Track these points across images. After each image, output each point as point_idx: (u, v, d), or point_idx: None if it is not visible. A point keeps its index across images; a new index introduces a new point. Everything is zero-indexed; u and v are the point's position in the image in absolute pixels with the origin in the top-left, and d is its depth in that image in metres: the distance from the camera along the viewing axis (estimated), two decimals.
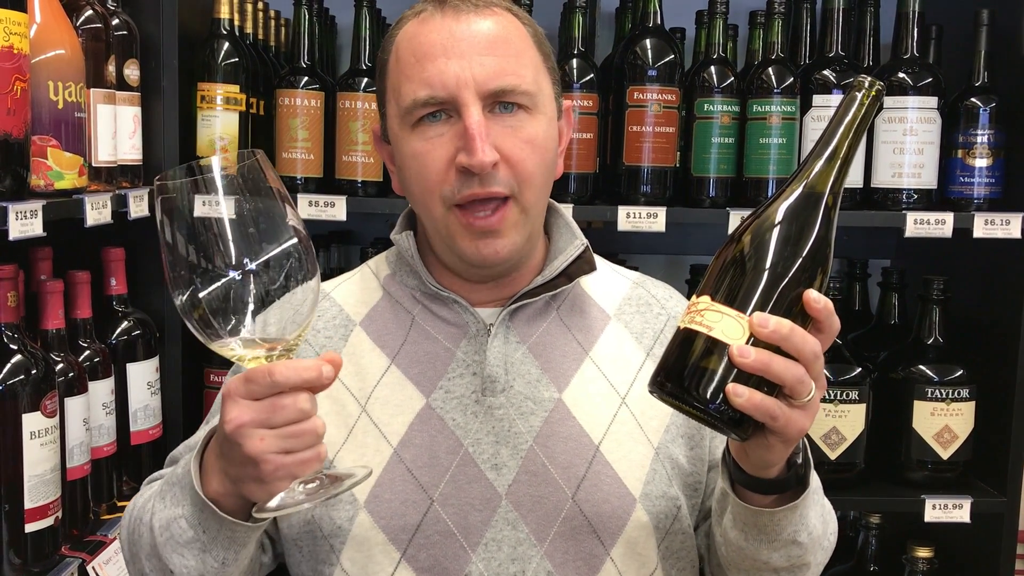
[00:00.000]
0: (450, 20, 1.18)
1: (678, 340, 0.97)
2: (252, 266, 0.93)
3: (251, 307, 0.93)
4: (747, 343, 0.93)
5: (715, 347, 0.94)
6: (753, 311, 0.94)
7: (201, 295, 0.93)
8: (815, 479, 1.12)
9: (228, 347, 0.96)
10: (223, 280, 0.93)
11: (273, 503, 0.96)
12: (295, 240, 0.95)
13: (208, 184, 0.93)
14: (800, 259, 0.96)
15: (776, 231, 0.97)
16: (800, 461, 1.07)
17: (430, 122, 1.17)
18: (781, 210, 0.98)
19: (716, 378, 0.94)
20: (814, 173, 0.99)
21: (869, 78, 1.00)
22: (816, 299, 0.95)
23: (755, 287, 0.95)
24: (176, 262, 0.94)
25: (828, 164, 0.99)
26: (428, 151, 1.17)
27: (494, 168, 1.15)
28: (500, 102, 1.17)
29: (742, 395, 0.92)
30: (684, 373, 0.95)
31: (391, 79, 1.22)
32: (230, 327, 0.94)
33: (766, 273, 0.96)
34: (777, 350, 0.93)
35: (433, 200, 1.18)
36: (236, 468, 0.97)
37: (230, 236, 0.93)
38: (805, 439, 1.07)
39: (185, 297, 0.93)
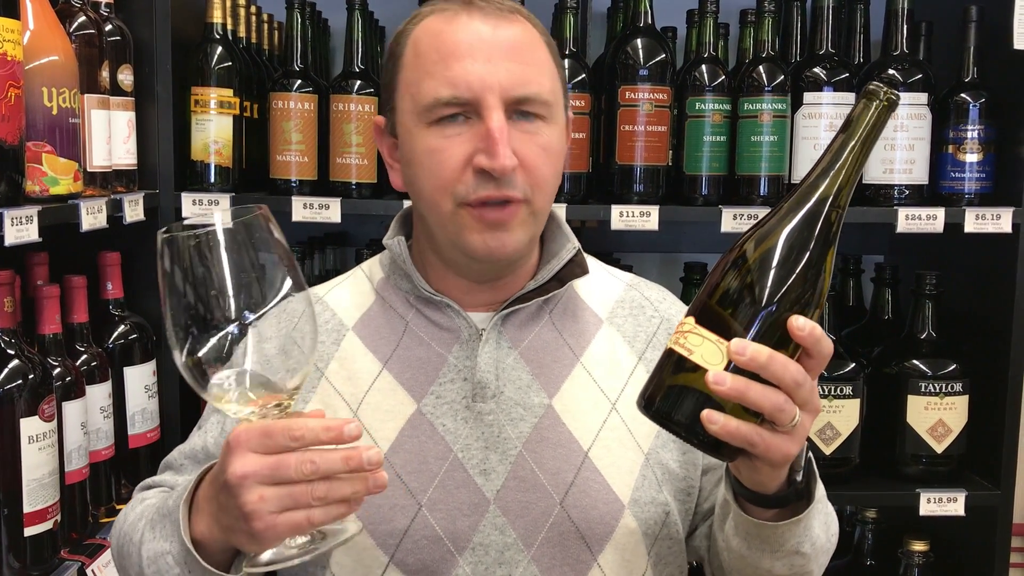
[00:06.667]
0: (477, 22, 1.17)
1: (664, 360, 0.96)
2: (250, 319, 0.93)
3: (248, 361, 0.93)
4: (727, 368, 0.90)
5: (695, 371, 0.92)
6: (735, 336, 0.90)
7: (199, 349, 0.93)
8: (820, 490, 1.10)
9: (224, 400, 0.96)
10: (220, 334, 0.92)
11: (265, 557, 0.96)
12: (294, 294, 0.95)
13: (209, 237, 0.93)
14: (787, 283, 0.92)
15: (763, 254, 0.93)
16: (800, 478, 1.05)
17: (448, 123, 1.16)
18: (776, 232, 0.93)
19: (693, 403, 0.92)
20: (819, 191, 0.94)
21: (884, 87, 0.94)
22: (800, 326, 0.91)
23: (738, 312, 0.92)
24: (176, 314, 0.93)
25: (832, 180, 0.94)
26: (444, 148, 1.16)
27: (512, 172, 1.15)
28: (519, 110, 1.16)
29: (716, 422, 0.91)
30: (665, 395, 0.94)
31: (407, 73, 1.20)
32: (226, 380, 0.94)
33: (750, 298, 0.92)
34: (759, 376, 0.91)
35: (444, 197, 1.17)
36: (229, 519, 0.97)
37: (230, 290, 0.92)
38: (810, 453, 1.06)
39: (184, 351, 0.93)
